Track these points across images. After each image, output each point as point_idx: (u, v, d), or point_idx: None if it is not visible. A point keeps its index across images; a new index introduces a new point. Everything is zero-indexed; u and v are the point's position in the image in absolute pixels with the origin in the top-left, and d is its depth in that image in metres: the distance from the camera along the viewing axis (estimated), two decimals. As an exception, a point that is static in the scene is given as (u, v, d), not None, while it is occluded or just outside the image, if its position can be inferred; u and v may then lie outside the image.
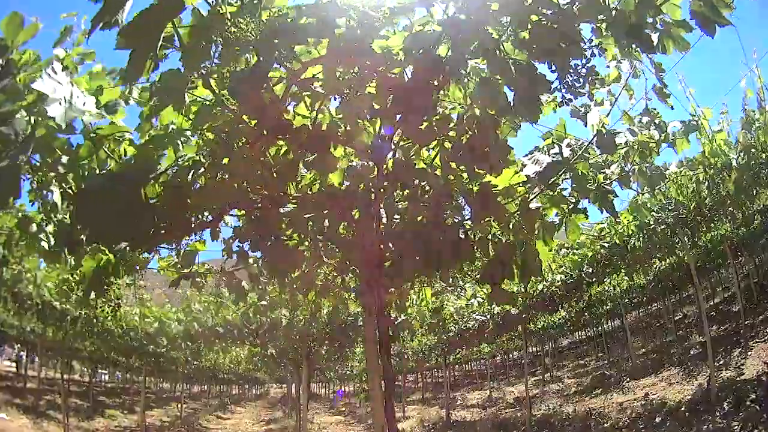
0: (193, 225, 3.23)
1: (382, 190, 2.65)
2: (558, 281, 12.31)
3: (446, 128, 2.58)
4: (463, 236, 2.71)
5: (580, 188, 3.71)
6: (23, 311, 13.16)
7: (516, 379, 27.01)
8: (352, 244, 3.25)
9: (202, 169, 2.98)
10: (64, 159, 2.87)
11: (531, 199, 3.35)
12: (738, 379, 9.88)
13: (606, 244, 10.92)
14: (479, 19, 2.16)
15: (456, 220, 3.02)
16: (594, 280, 12.14)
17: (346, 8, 2.10)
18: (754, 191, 9.13)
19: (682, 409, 9.67)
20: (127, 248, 3.18)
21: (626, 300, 19.15)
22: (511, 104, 2.37)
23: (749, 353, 11.51)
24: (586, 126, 3.77)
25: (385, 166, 2.75)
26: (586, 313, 19.89)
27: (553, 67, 2.27)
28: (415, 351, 22.76)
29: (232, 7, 2.12)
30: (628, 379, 14.60)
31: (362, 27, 2.12)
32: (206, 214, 3.29)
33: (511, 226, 3.45)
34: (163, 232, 3.00)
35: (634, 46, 2.61)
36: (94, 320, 13.09)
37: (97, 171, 2.93)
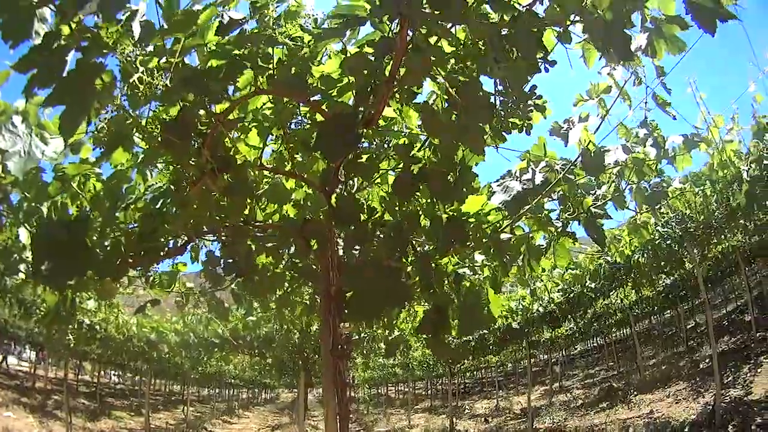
0: (162, 252, 3.22)
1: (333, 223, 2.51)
2: (556, 299, 12.08)
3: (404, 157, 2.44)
4: (405, 278, 2.53)
5: (564, 212, 3.50)
6: (28, 316, 13.45)
7: (525, 388, 26.75)
8: (313, 274, 3.13)
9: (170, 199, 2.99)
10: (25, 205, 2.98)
11: (502, 229, 3.15)
12: (745, 399, 9.59)
13: (609, 259, 10.69)
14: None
15: (421, 251, 2.87)
16: (598, 295, 11.92)
17: (277, 36, 1.97)
18: (767, 202, 8.77)
19: (686, 430, 9.41)
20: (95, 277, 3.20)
21: (636, 311, 18.84)
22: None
23: (759, 370, 11.18)
24: (566, 146, 3.50)
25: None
26: (595, 324, 19.60)
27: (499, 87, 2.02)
28: (420, 361, 22.60)
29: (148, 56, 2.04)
30: (635, 393, 14.32)
31: (294, 56, 1.99)
32: (183, 238, 3.29)
33: (492, 252, 3.28)
34: (130, 260, 3.03)
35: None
36: (97, 327, 13.24)
37: (72, 208, 3.02)
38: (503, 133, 2.14)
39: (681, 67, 2.91)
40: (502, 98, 2.06)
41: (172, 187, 2.91)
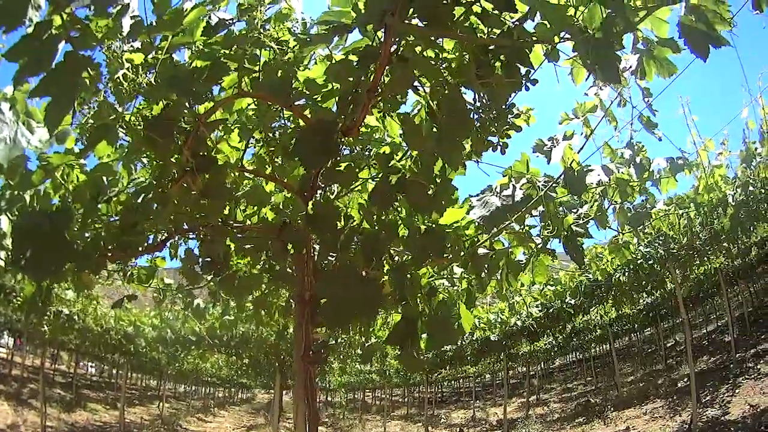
0: (141, 247, 3.21)
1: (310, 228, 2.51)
2: (534, 314, 12.11)
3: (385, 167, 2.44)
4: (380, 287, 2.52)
5: (544, 229, 3.49)
6: (7, 302, 13.31)
7: (502, 400, 26.75)
8: (289, 277, 3.13)
9: (152, 194, 2.95)
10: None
11: (480, 243, 3.14)
12: (722, 419, 9.65)
13: (590, 276, 10.74)
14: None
15: (398, 262, 2.87)
16: (577, 311, 11.96)
17: (265, 39, 1.98)
18: (751, 226, 8.78)
19: (661, 448, 9.47)
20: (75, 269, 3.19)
21: (615, 328, 18.94)
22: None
23: (737, 391, 11.26)
24: (549, 163, 3.48)
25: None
26: (574, 339, 19.69)
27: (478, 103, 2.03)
28: (397, 369, 22.53)
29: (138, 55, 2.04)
30: (612, 409, 14.38)
31: (280, 60, 2.00)
32: (163, 233, 3.28)
33: (469, 266, 3.27)
34: (109, 254, 3.02)
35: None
36: (75, 317, 13.13)
37: (55, 197, 3.04)
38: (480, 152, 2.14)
39: (675, 84, 2.89)
40: (479, 114, 2.06)
41: (153, 182, 2.90)
